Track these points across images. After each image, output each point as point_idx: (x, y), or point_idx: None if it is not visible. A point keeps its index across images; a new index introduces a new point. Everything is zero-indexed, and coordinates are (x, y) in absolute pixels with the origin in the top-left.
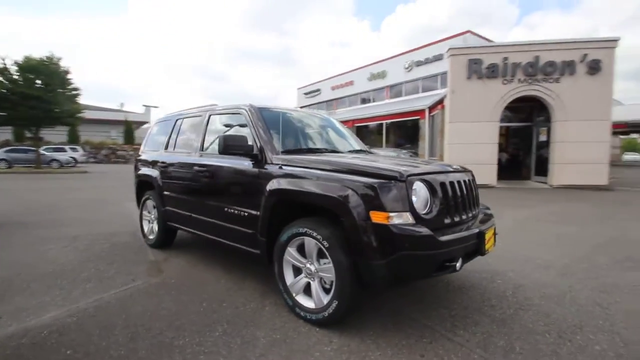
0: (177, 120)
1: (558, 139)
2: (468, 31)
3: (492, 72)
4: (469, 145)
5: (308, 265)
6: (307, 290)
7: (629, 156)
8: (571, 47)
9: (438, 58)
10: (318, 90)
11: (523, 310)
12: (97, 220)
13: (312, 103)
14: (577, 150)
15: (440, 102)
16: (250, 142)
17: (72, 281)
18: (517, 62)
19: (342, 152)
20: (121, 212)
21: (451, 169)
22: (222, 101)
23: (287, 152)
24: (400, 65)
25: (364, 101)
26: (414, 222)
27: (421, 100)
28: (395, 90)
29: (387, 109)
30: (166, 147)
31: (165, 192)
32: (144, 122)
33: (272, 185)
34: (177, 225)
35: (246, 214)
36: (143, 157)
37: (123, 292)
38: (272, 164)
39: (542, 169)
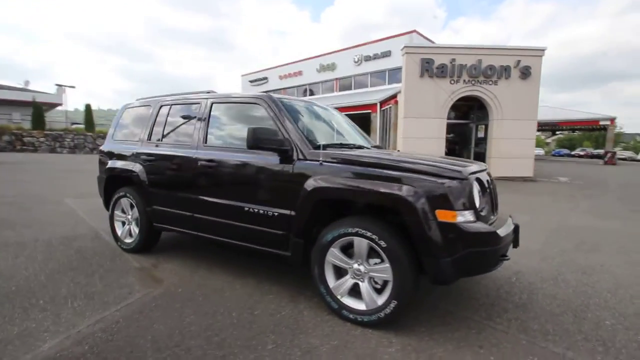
0: (161, 106)
1: (494, 135)
2: (414, 31)
3: (442, 71)
4: (422, 139)
5: (356, 266)
6: (352, 292)
7: (535, 151)
8: (508, 54)
9: (386, 54)
10: (265, 78)
11: (534, 294)
12: (39, 221)
13: (260, 91)
14: (510, 145)
15: (394, 97)
16: (279, 136)
17: (52, 300)
18: (463, 64)
19: (367, 148)
20: (65, 212)
21: (483, 167)
22: (145, 83)
23: (318, 147)
24: (350, 58)
25: (312, 92)
26: (475, 219)
27: (371, 95)
28: (344, 82)
29: (338, 102)
30: (149, 138)
31: (152, 190)
32: (57, 104)
33: (315, 183)
34: (167, 227)
35: (275, 214)
36: (112, 148)
37: (128, 309)
38: (307, 159)
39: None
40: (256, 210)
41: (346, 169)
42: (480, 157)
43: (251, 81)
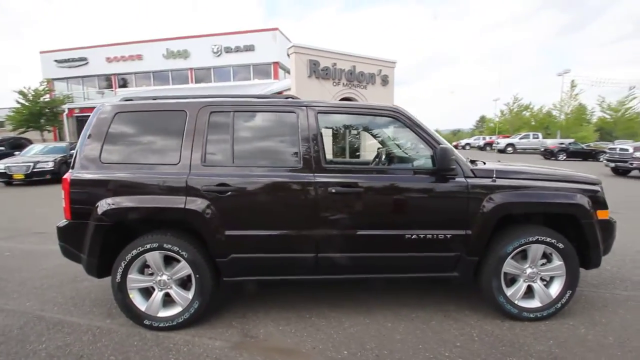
0: (211, 112)
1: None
2: (276, 29)
3: (326, 74)
4: None
5: (529, 270)
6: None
7: None
8: (373, 63)
9: (249, 48)
10: (84, 59)
11: None
12: None
13: (74, 75)
14: (374, 143)
15: (279, 93)
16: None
17: None
18: (342, 68)
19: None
20: None
21: None
22: None
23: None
24: (207, 47)
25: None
26: None
27: (238, 90)
28: (201, 74)
29: (198, 94)
30: (204, 159)
31: (232, 232)
32: None
33: (497, 199)
34: (255, 278)
35: (448, 236)
36: (109, 176)
37: None
38: (475, 177)
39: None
40: (422, 235)
41: (523, 184)
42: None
43: (59, 61)
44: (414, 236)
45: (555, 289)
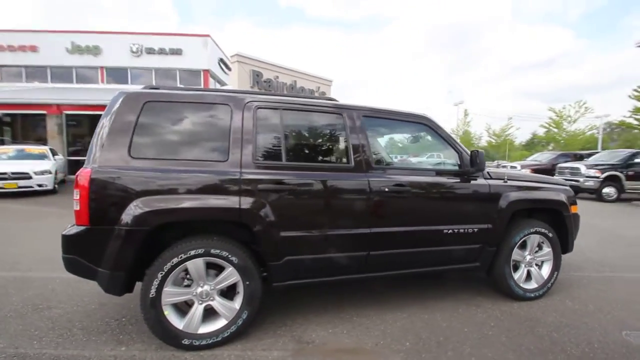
0: (258, 108)
1: None
2: (208, 35)
3: (269, 85)
4: None
5: (528, 257)
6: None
7: None
8: (312, 80)
9: (176, 52)
10: None
11: None
12: None
13: None
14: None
15: None
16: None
17: None
18: (284, 82)
19: None
20: None
21: None
22: None
23: None
24: (125, 45)
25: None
26: None
27: None
28: (116, 74)
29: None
30: (254, 157)
31: (287, 234)
32: None
33: (511, 196)
34: (303, 281)
35: (475, 230)
36: (145, 175)
37: None
38: (492, 178)
39: None
40: (456, 230)
41: (524, 185)
42: None
43: None
44: (450, 231)
45: (545, 271)
